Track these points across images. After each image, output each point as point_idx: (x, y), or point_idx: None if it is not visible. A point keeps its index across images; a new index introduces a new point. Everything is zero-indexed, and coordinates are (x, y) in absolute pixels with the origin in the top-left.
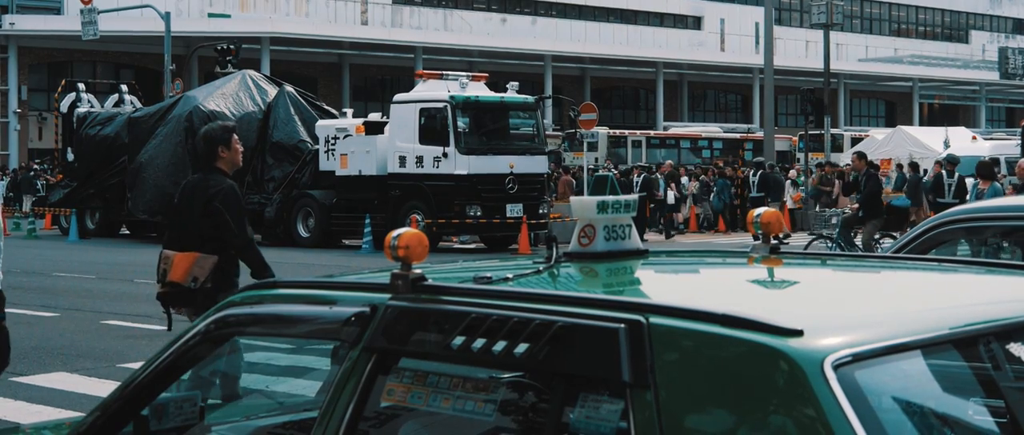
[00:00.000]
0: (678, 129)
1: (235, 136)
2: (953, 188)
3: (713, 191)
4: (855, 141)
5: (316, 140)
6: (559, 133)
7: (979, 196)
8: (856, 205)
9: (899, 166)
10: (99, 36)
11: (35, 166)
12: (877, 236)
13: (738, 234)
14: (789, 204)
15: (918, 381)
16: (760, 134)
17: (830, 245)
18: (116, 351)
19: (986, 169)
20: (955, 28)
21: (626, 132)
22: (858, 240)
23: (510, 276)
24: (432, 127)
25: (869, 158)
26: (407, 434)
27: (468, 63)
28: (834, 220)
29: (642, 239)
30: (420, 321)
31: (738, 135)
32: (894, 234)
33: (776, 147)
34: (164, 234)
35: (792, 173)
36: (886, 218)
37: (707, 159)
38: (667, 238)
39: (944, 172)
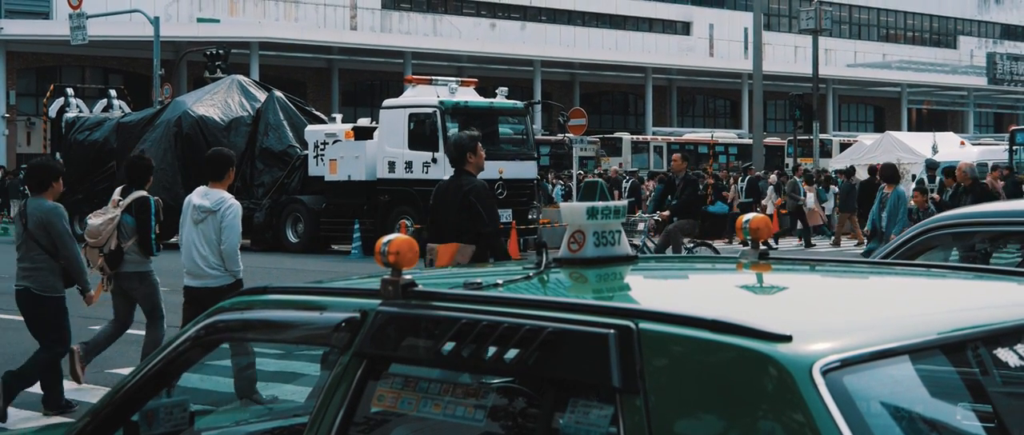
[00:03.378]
0: (694, 134)
1: (480, 143)
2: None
3: (649, 195)
4: (844, 146)
5: (305, 145)
6: (595, 142)
7: (883, 201)
8: (666, 212)
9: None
10: (88, 41)
11: (22, 170)
12: (690, 245)
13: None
14: (769, 208)
15: (907, 386)
16: (777, 139)
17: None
18: (105, 357)
19: (890, 172)
20: (943, 33)
21: (648, 138)
22: (657, 239)
23: (500, 282)
24: (421, 132)
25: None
26: None
27: (457, 68)
28: (641, 226)
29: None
30: (410, 327)
31: (750, 141)
32: (710, 242)
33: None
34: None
35: (772, 178)
36: (703, 225)
37: (723, 164)
38: (807, 246)
39: (925, 178)
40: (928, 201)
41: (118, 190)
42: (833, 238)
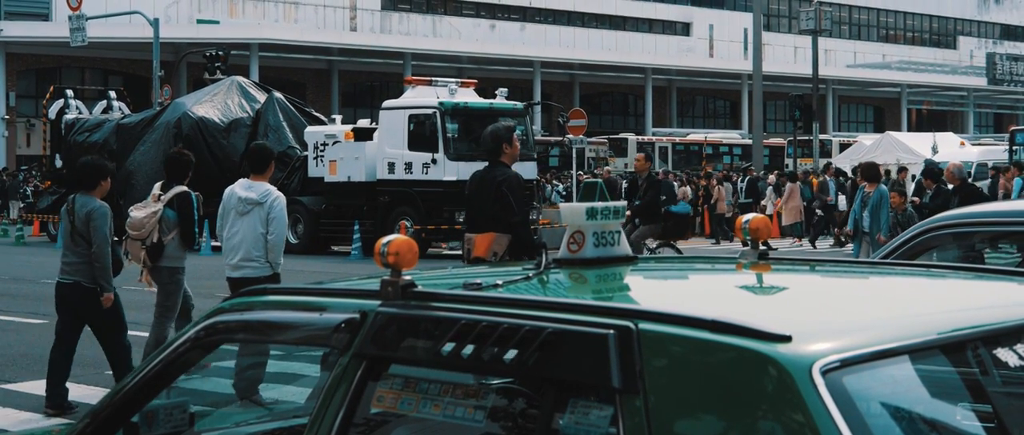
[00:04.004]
0: (696, 135)
1: (515, 134)
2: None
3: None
4: (843, 146)
5: (305, 146)
6: (603, 143)
7: (864, 200)
8: (629, 212)
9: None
10: (87, 42)
11: (21, 171)
12: (653, 245)
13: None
14: (769, 208)
15: (906, 386)
16: (778, 140)
17: None
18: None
19: (871, 171)
20: (943, 34)
21: (653, 138)
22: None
23: (500, 282)
24: (421, 133)
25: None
26: None
27: (457, 69)
28: None
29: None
30: (410, 327)
31: (750, 141)
32: (673, 243)
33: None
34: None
35: (771, 179)
36: (666, 225)
37: (728, 164)
38: (812, 245)
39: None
40: (906, 202)
41: (157, 185)
42: (832, 238)
